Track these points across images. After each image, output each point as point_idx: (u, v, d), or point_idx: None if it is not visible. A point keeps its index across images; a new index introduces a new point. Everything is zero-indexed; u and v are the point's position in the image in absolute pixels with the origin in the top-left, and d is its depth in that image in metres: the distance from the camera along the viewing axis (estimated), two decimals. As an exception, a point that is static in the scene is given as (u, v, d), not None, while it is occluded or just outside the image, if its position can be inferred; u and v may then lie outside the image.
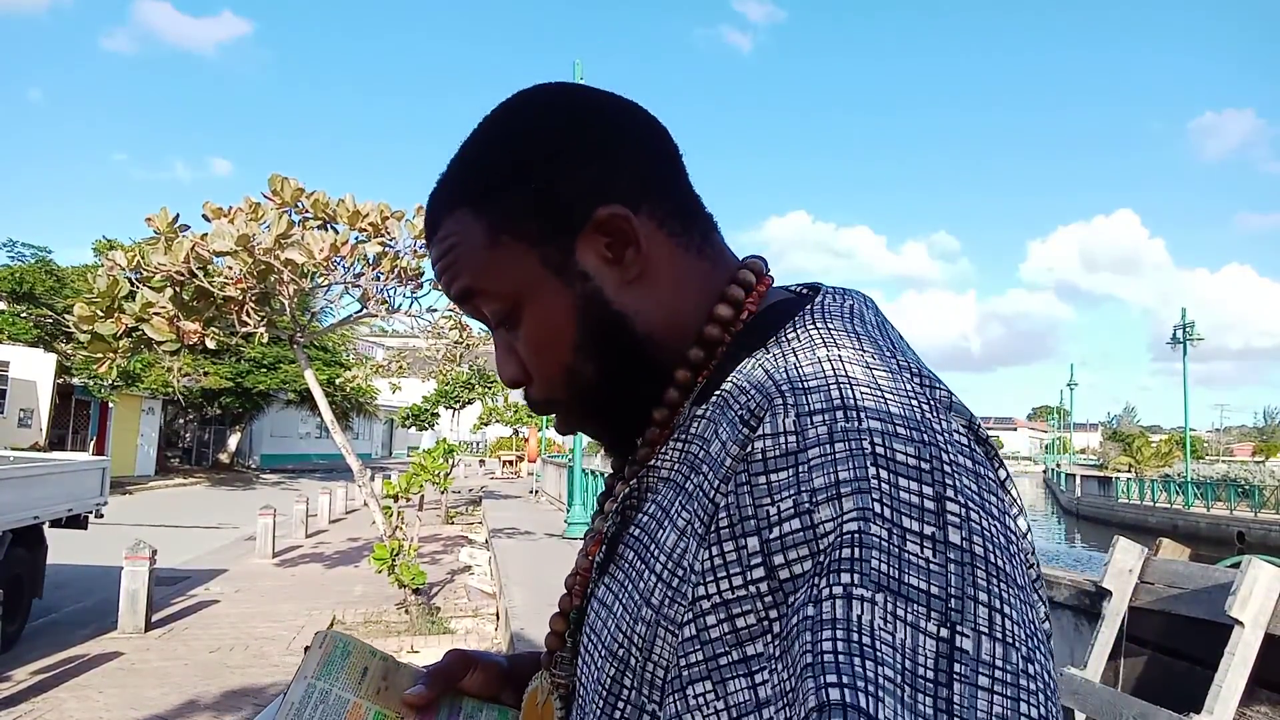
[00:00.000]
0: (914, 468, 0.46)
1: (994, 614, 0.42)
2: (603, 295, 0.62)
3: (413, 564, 8.26)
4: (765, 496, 0.48)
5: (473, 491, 24.19)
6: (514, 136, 0.63)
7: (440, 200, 0.65)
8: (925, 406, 0.50)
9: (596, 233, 0.61)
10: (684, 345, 0.63)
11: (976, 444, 0.51)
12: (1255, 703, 2.61)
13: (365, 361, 20.96)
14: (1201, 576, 2.91)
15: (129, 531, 10.37)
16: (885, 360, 0.53)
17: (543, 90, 0.66)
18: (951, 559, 0.43)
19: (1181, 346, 33.54)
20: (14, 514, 6.74)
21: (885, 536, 0.44)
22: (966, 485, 0.46)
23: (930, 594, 0.42)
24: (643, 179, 0.63)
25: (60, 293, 22.87)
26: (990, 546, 0.45)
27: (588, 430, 0.68)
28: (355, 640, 0.73)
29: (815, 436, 0.48)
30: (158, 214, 8.32)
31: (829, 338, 0.56)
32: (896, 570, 0.43)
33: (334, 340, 30.38)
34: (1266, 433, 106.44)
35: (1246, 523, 26.06)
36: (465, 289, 0.64)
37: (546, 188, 0.61)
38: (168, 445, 31.48)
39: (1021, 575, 0.46)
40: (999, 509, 0.48)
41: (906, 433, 0.47)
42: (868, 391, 0.50)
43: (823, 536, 0.45)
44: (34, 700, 5.57)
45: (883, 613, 0.42)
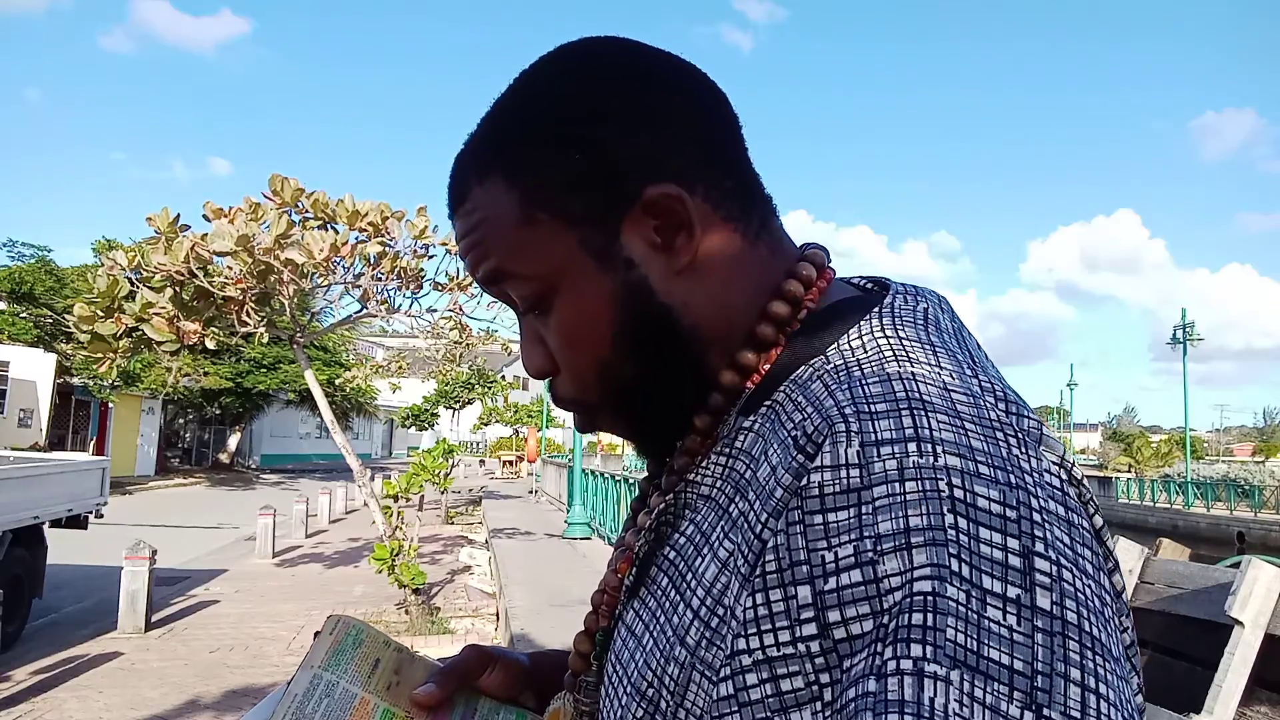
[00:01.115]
0: (998, 515, 0.39)
1: (1087, 694, 0.36)
2: (648, 285, 0.54)
3: (413, 564, 8.26)
4: (821, 540, 0.41)
5: (473, 491, 24.19)
6: (557, 97, 0.55)
7: (469, 166, 0.57)
8: (1013, 440, 0.43)
9: (646, 214, 0.54)
10: (734, 345, 0.56)
11: (1070, 486, 0.44)
12: (1255, 703, 2.61)
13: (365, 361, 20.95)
14: (1201, 576, 2.92)
15: (129, 531, 10.37)
16: (965, 380, 0.46)
17: (591, 44, 0.58)
18: (1039, 628, 0.37)
19: (1181, 347, 33.55)
20: (14, 514, 6.75)
21: (964, 600, 0.37)
22: (1059, 538, 0.40)
23: (1014, 670, 0.36)
24: (700, 154, 0.55)
25: (60, 293, 22.87)
26: (1085, 612, 0.38)
27: (618, 431, 0.61)
28: (369, 628, 0.67)
29: (883, 472, 0.41)
30: (158, 213, 8.32)
31: (900, 350, 0.49)
32: (975, 642, 0.37)
33: (334, 340, 30.39)
34: (1266, 433, 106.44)
35: (1246, 523, 26.05)
36: (494, 270, 0.57)
37: (592, 159, 0.53)
38: (168, 445, 31.48)
39: (1117, 645, 0.40)
40: (1094, 565, 0.41)
41: (990, 473, 0.41)
42: (946, 420, 0.43)
43: (887, 594, 0.39)
44: (34, 700, 5.57)
45: (959, 694, 0.36)
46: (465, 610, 8.82)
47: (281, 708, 0.62)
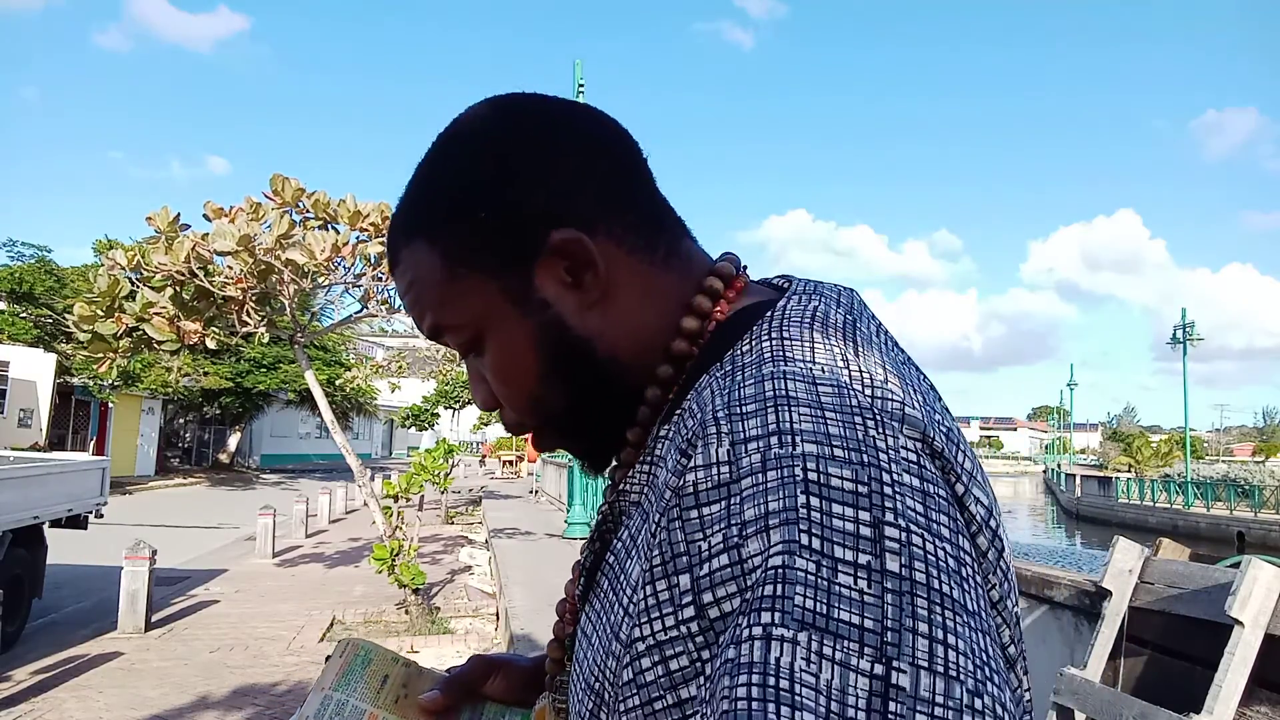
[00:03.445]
0: (849, 492, 0.43)
1: (935, 645, 0.40)
2: (564, 322, 0.60)
3: (413, 564, 8.26)
4: (697, 532, 0.45)
5: (473, 491, 24.20)
6: (461, 160, 0.60)
7: (397, 231, 0.63)
8: (871, 423, 0.47)
9: (554, 258, 0.59)
10: (654, 362, 0.60)
11: (930, 460, 0.47)
12: (1255, 703, 2.61)
13: (365, 361, 20.95)
14: (1201, 576, 2.91)
15: (129, 531, 10.38)
16: (835, 372, 0.50)
17: (490, 106, 0.63)
18: (889, 589, 0.41)
19: (1182, 347, 33.55)
20: (14, 514, 6.75)
21: (813, 570, 0.41)
22: (910, 507, 0.44)
23: (864, 628, 0.40)
24: (599, 194, 0.60)
25: (60, 293, 22.88)
26: (935, 572, 0.42)
27: (564, 448, 0.67)
28: (378, 647, 0.72)
29: (749, 466, 0.45)
30: (158, 213, 8.32)
31: (779, 350, 0.53)
32: (825, 605, 0.40)
33: (334, 340, 30.39)
34: (1266, 433, 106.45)
35: (1246, 523, 26.06)
36: (432, 325, 0.63)
37: (499, 215, 0.58)
38: (168, 445, 31.48)
39: (975, 600, 0.43)
40: (951, 529, 0.45)
41: (845, 454, 0.44)
42: (808, 411, 0.47)
43: (750, 572, 0.42)
44: (34, 700, 5.57)
45: (805, 653, 0.39)
46: (465, 610, 8.82)
47: None
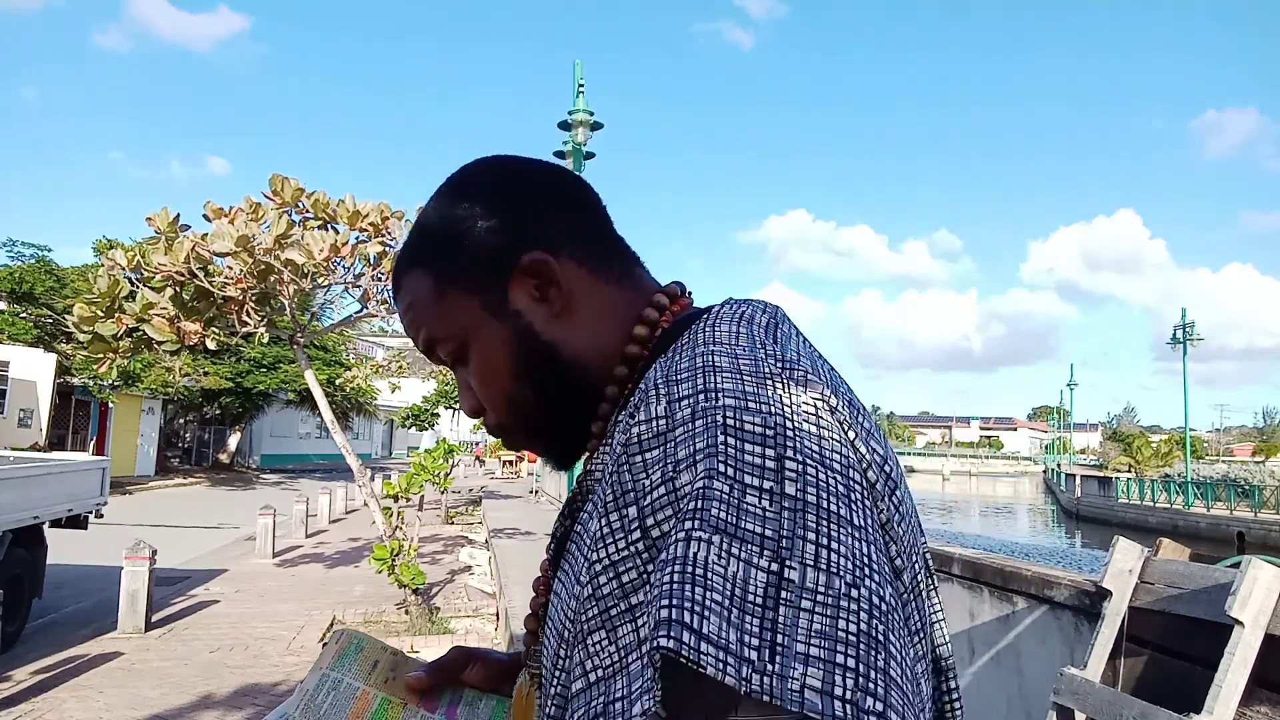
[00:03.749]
0: (759, 434, 0.54)
1: (820, 549, 0.50)
2: (533, 329, 0.72)
3: (413, 564, 8.26)
4: (641, 472, 0.57)
5: (473, 491, 24.20)
6: (450, 204, 0.75)
7: (400, 265, 0.77)
8: (779, 385, 0.58)
9: (524, 276, 0.72)
10: (612, 364, 0.73)
11: (827, 412, 0.59)
12: (1255, 703, 2.61)
13: (365, 361, 20.95)
14: (1201, 576, 2.91)
15: (129, 531, 10.38)
16: (753, 350, 0.62)
17: (477, 164, 0.78)
18: (786, 507, 0.51)
19: (1182, 347, 33.55)
20: (14, 514, 6.75)
21: (727, 490, 0.52)
22: (808, 446, 0.55)
23: (764, 536, 0.50)
24: (562, 227, 0.74)
25: (60, 293, 22.87)
26: (825, 495, 0.53)
27: (534, 448, 0.78)
28: (369, 637, 0.81)
29: (681, 417, 0.57)
30: (158, 213, 8.32)
31: (710, 337, 0.64)
32: (735, 516, 0.51)
33: (334, 340, 30.39)
34: (1266, 433, 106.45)
35: (1246, 523, 26.06)
36: (427, 339, 0.76)
37: (477, 243, 0.73)
38: (168, 445, 31.47)
39: (861, 518, 0.54)
40: (842, 464, 0.55)
41: (757, 406, 0.56)
42: (728, 376, 0.58)
43: (683, 498, 0.53)
44: (34, 700, 5.58)
45: (718, 551, 0.50)
46: (465, 610, 8.82)
47: (295, 698, 0.76)
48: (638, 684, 0.51)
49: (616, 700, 0.53)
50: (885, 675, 0.49)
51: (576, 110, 11.61)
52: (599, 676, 0.55)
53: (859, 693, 0.47)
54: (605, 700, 0.54)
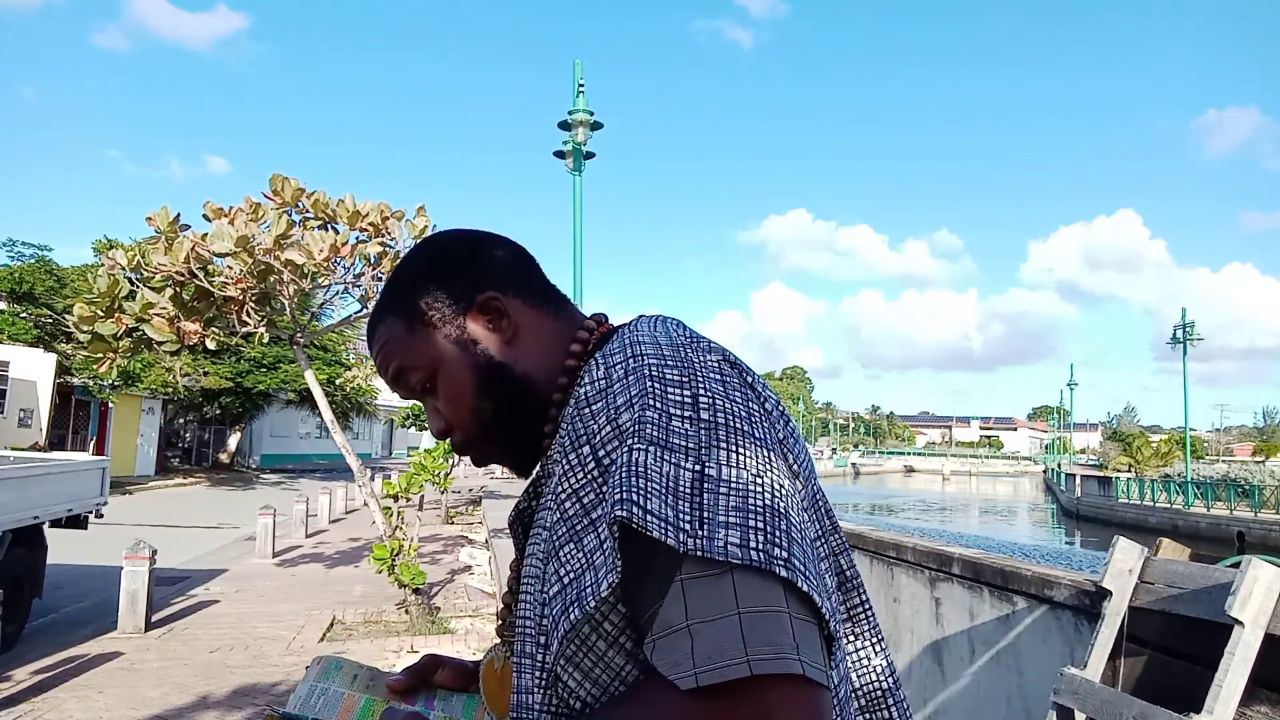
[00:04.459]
0: (677, 380, 0.73)
1: (731, 454, 0.68)
2: (489, 354, 0.89)
3: (413, 564, 8.26)
4: (590, 419, 0.74)
5: (473, 491, 24.20)
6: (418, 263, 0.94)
7: (375, 313, 0.95)
8: (688, 349, 0.77)
9: (479, 312, 0.90)
10: (555, 377, 0.89)
11: (728, 366, 0.78)
12: (1255, 703, 2.61)
13: (365, 361, 20.95)
14: (1201, 576, 2.91)
15: (129, 531, 10.38)
16: (668, 334, 0.81)
17: (434, 236, 0.99)
18: (703, 428, 0.69)
19: (1182, 346, 33.54)
20: (14, 514, 6.74)
21: (657, 417, 0.70)
22: (714, 388, 0.73)
23: (687, 447, 0.68)
24: (509, 274, 0.93)
25: (60, 293, 22.86)
26: (730, 418, 0.71)
27: (497, 458, 0.93)
28: (345, 659, 0.95)
29: (617, 376, 0.75)
30: (158, 213, 8.32)
31: (633, 329, 0.84)
32: (664, 434, 0.69)
33: (334, 340, 30.38)
34: (1266, 433, 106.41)
35: (1246, 523, 26.06)
36: (398, 369, 0.91)
37: (440, 289, 0.90)
38: (168, 445, 31.47)
39: (761, 433, 0.72)
40: (741, 398, 0.74)
41: (674, 363, 0.75)
42: (649, 347, 0.77)
43: (624, 430, 0.71)
44: (34, 700, 5.57)
45: (654, 457, 0.67)
46: (465, 610, 8.82)
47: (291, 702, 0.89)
48: (603, 570, 0.67)
49: (587, 587, 0.68)
50: (788, 535, 0.65)
51: (576, 110, 11.61)
52: (571, 578, 0.70)
53: (769, 545, 0.63)
54: (578, 591, 0.69)
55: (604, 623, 0.68)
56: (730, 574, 0.62)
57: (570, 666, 0.70)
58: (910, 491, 62.63)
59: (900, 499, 51.80)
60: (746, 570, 0.62)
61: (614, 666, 0.69)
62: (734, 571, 0.62)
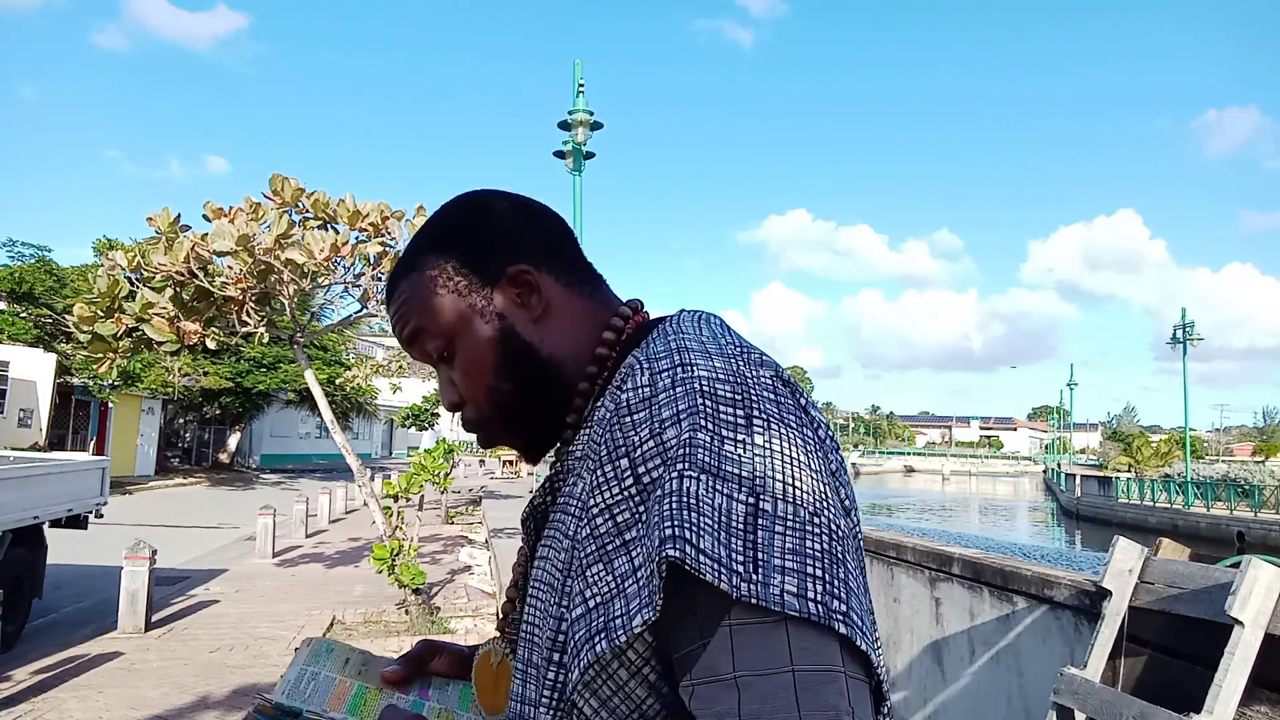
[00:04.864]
0: (730, 398, 0.66)
1: (788, 487, 0.62)
2: (515, 330, 0.82)
3: (413, 564, 8.26)
4: (631, 430, 0.67)
5: (473, 491, 24.20)
6: (448, 222, 0.86)
7: (399, 271, 0.87)
8: (741, 363, 0.70)
9: (509, 284, 0.83)
10: (583, 364, 0.82)
11: (781, 384, 0.71)
12: (1255, 703, 2.61)
13: (365, 361, 20.95)
14: (1201, 576, 2.91)
15: (129, 531, 10.37)
16: (716, 340, 0.74)
17: (472, 192, 0.90)
18: (757, 453, 0.63)
19: (1182, 346, 33.53)
20: (14, 514, 6.74)
21: (708, 440, 0.63)
22: (769, 408, 0.66)
23: (741, 475, 0.61)
24: (542, 247, 0.85)
25: (60, 293, 22.87)
26: (786, 443, 0.64)
27: (509, 442, 0.87)
28: (337, 641, 0.91)
29: (663, 385, 0.68)
30: (159, 213, 8.32)
31: (676, 332, 0.76)
32: (717, 461, 0.62)
33: (334, 340, 30.38)
34: (1266, 432, 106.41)
35: (1246, 523, 26.06)
36: (414, 330, 0.84)
37: (470, 253, 0.84)
38: (168, 445, 31.47)
39: (816, 462, 0.66)
40: (796, 421, 0.67)
41: (726, 377, 0.68)
42: (699, 355, 0.70)
43: (669, 448, 0.64)
44: (34, 700, 5.57)
45: (706, 487, 0.61)
46: (465, 610, 8.82)
47: (279, 688, 0.85)
48: (635, 602, 0.61)
49: (617, 618, 0.62)
50: (845, 585, 0.61)
51: (576, 110, 11.61)
52: (598, 601, 0.64)
53: (827, 596, 0.59)
54: (605, 619, 0.63)
55: (628, 650, 0.65)
56: (784, 625, 0.58)
57: (587, 693, 0.66)
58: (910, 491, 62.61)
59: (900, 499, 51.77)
60: (802, 623, 0.58)
61: (634, 698, 0.65)
62: (789, 623, 0.58)
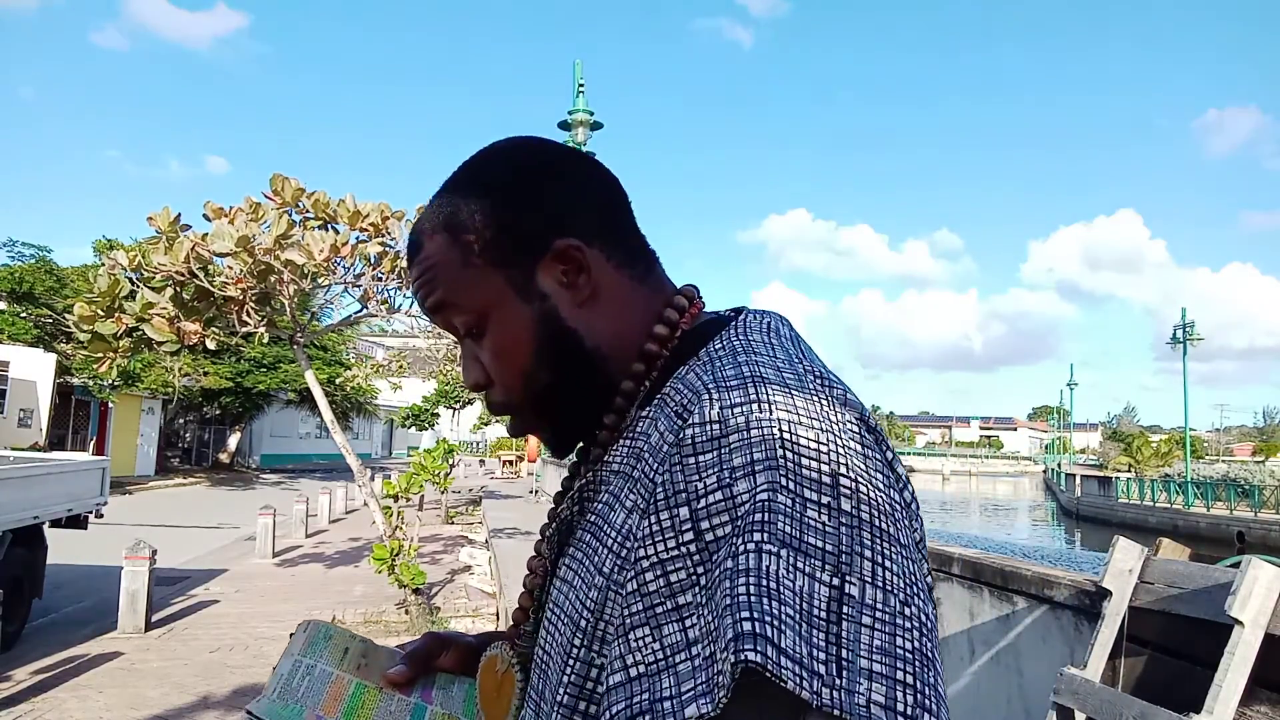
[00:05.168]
0: (814, 449, 0.56)
1: (877, 567, 0.53)
2: (558, 313, 0.72)
3: (413, 564, 8.26)
4: (694, 474, 0.57)
5: (473, 491, 24.20)
6: (490, 176, 0.74)
7: (424, 227, 0.75)
8: (825, 402, 0.60)
9: (555, 260, 0.72)
10: (628, 359, 0.73)
11: (867, 432, 0.61)
12: (1255, 703, 2.61)
13: (365, 361, 20.96)
14: (1201, 576, 2.91)
15: (129, 531, 10.37)
16: (794, 365, 0.64)
17: (518, 141, 0.77)
18: (843, 523, 0.54)
19: (1182, 346, 33.54)
20: (14, 514, 6.74)
21: (789, 504, 0.54)
22: (857, 464, 0.57)
23: (825, 550, 0.53)
24: (595, 218, 0.74)
25: (60, 293, 22.86)
26: (876, 513, 0.55)
27: (539, 432, 0.77)
28: (336, 626, 0.82)
29: (735, 424, 0.58)
30: (159, 213, 8.32)
31: (748, 347, 0.67)
32: (798, 531, 0.53)
33: (334, 340, 30.38)
34: (1266, 433, 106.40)
35: (1246, 523, 26.06)
36: (439, 301, 0.74)
37: (513, 220, 0.72)
38: (168, 445, 31.46)
39: (905, 536, 0.56)
40: (884, 483, 0.58)
41: (809, 421, 0.58)
42: (778, 389, 0.60)
43: (740, 505, 0.55)
44: (34, 700, 5.57)
45: (787, 565, 0.51)
46: (465, 610, 8.82)
47: (270, 684, 0.75)
48: (689, 686, 0.51)
49: (665, 699, 0.52)
50: (936, 691, 0.52)
51: (576, 110, 11.61)
52: (641, 672, 0.55)
53: (919, 709, 0.50)
54: (650, 697, 0.53)
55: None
56: None
57: None
58: (910, 491, 62.40)
59: (900, 499, 51.55)
60: None
61: None
62: None
